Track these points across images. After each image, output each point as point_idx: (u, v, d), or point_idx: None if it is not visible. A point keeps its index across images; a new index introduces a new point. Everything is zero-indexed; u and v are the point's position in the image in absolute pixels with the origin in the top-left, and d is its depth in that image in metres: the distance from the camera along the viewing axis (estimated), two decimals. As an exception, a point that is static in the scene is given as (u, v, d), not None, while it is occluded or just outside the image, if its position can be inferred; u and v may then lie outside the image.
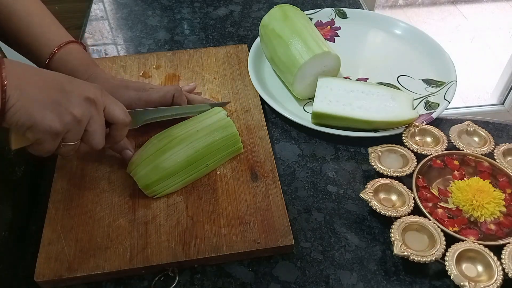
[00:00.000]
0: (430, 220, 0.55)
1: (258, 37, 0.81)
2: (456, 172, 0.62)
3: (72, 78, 0.51)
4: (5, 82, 0.44)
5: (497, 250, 0.52)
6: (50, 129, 0.47)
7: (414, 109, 0.71)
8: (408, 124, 0.67)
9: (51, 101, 0.47)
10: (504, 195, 0.58)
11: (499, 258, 0.51)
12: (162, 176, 0.58)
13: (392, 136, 0.67)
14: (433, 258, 0.51)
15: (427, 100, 0.74)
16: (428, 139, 0.67)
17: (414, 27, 0.87)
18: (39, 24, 0.62)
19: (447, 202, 0.59)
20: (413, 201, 0.57)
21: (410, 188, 0.59)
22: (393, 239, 0.53)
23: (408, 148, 0.64)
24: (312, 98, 0.72)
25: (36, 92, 0.46)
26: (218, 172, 0.63)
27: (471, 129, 0.67)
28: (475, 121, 0.69)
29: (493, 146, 0.64)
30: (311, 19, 0.86)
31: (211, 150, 0.61)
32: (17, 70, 0.46)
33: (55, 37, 0.63)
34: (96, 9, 0.97)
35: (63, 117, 0.48)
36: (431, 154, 0.63)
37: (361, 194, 0.58)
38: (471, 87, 2.17)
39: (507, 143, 0.64)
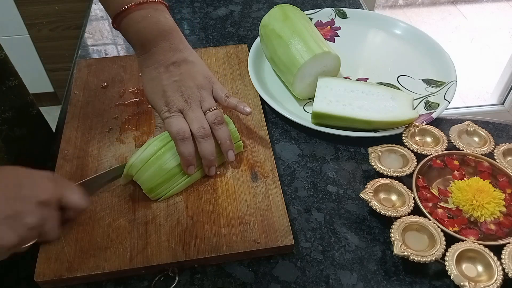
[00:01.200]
0: (430, 220, 0.55)
1: (258, 37, 0.81)
2: (456, 172, 0.62)
3: (21, 177, 0.48)
4: None
5: (497, 250, 0.52)
6: (6, 245, 0.46)
7: (414, 109, 0.71)
8: (408, 124, 0.67)
9: (6, 216, 0.45)
10: (504, 195, 0.58)
11: (499, 258, 0.51)
12: (166, 178, 0.58)
13: (392, 136, 0.67)
14: (433, 258, 0.51)
15: (427, 100, 0.74)
16: (428, 139, 0.67)
17: (414, 27, 0.87)
18: None
19: (447, 202, 0.59)
20: (413, 201, 0.57)
21: (410, 188, 0.59)
22: (393, 239, 0.53)
23: (408, 148, 0.64)
24: (312, 98, 0.72)
25: None
26: (218, 172, 0.63)
27: (471, 129, 0.67)
28: (475, 121, 0.69)
29: (493, 146, 0.64)
30: (311, 19, 0.86)
31: None
32: None
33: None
34: (96, 9, 0.97)
35: (19, 231, 0.46)
36: (431, 154, 0.63)
37: (361, 194, 0.58)
38: (471, 87, 2.17)
39: (507, 143, 0.64)
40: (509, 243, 0.53)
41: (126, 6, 0.59)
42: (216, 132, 0.60)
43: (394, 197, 0.59)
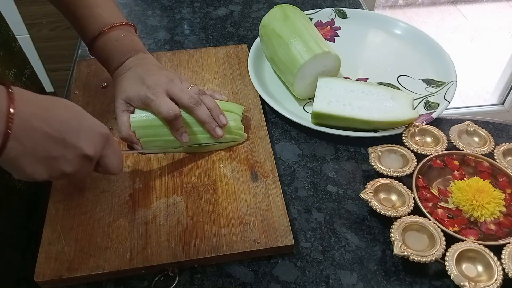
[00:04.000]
0: (430, 220, 0.55)
1: (258, 37, 0.81)
2: (456, 172, 0.62)
3: (80, 123, 0.48)
4: (9, 134, 0.42)
5: (497, 250, 0.52)
6: (35, 179, 0.47)
7: (414, 109, 0.71)
8: (408, 124, 0.67)
9: (47, 156, 0.46)
10: (504, 195, 0.58)
11: (499, 258, 0.51)
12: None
13: (392, 136, 0.67)
14: (433, 258, 0.51)
15: (427, 100, 0.74)
16: (428, 139, 0.67)
17: (414, 27, 0.87)
18: (85, 5, 0.64)
19: (447, 202, 0.59)
20: (413, 201, 0.57)
21: (410, 188, 0.59)
22: (393, 239, 0.53)
23: (408, 148, 0.64)
24: (312, 98, 0.72)
25: (35, 143, 0.44)
26: (221, 165, 0.63)
27: (471, 129, 0.67)
28: (475, 121, 0.69)
29: (493, 146, 0.64)
30: (311, 19, 0.86)
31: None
32: (25, 112, 0.43)
33: (97, 21, 0.64)
34: (96, 9, 0.97)
35: (53, 172, 0.47)
36: (431, 154, 0.63)
37: (361, 194, 0.58)
38: (471, 87, 2.17)
39: (507, 143, 0.64)
40: (509, 243, 0.53)
41: (104, 29, 0.64)
42: (203, 101, 0.63)
43: (394, 197, 0.59)
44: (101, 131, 0.50)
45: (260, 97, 0.73)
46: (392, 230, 0.54)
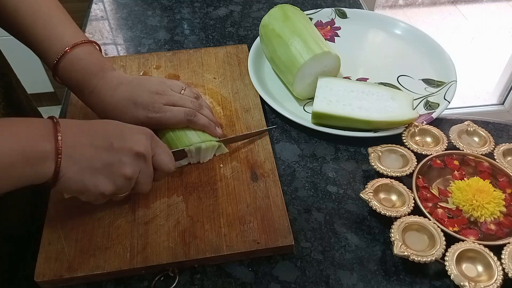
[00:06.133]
0: (430, 220, 0.55)
1: (258, 37, 0.81)
2: (456, 172, 0.62)
3: (121, 129, 0.52)
4: (60, 154, 0.45)
5: (497, 250, 0.52)
6: (103, 193, 0.50)
7: (414, 109, 0.71)
8: (408, 124, 0.67)
9: (103, 165, 0.49)
10: (504, 195, 0.58)
11: (499, 258, 0.51)
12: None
13: (392, 136, 0.67)
14: (433, 258, 0.51)
15: (427, 100, 0.74)
16: (428, 139, 0.67)
17: (414, 27, 0.87)
18: (44, 25, 0.59)
19: (447, 202, 0.59)
20: (413, 201, 0.57)
21: (410, 188, 0.59)
22: (393, 239, 0.53)
23: (408, 148, 0.64)
24: (312, 98, 0.72)
25: (88, 157, 0.48)
26: (221, 165, 0.63)
27: (471, 129, 0.67)
28: (475, 121, 0.69)
29: (493, 146, 0.64)
30: (311, 19, 0.86)
31: None
32: (70, 133, 0.47)
33: (60, 41, 0.60)
34: (96, 9, 0.97)
35: (116, 180, 0.50)
36: (431, 154, 0.63)
37: (361, 194, 0.58)
38: (471, 87, 2.17)
39: (507, 143, 0.64)
40: (509, 243, 0.53)
41: (67, 48, 0.59)
42: (201, 104, 0.66)
43: (394, 197, 0.59)
44: (144, 131, 0.53)
45: (260, 97, 0.73)
46: (392, 230, 0.54)
